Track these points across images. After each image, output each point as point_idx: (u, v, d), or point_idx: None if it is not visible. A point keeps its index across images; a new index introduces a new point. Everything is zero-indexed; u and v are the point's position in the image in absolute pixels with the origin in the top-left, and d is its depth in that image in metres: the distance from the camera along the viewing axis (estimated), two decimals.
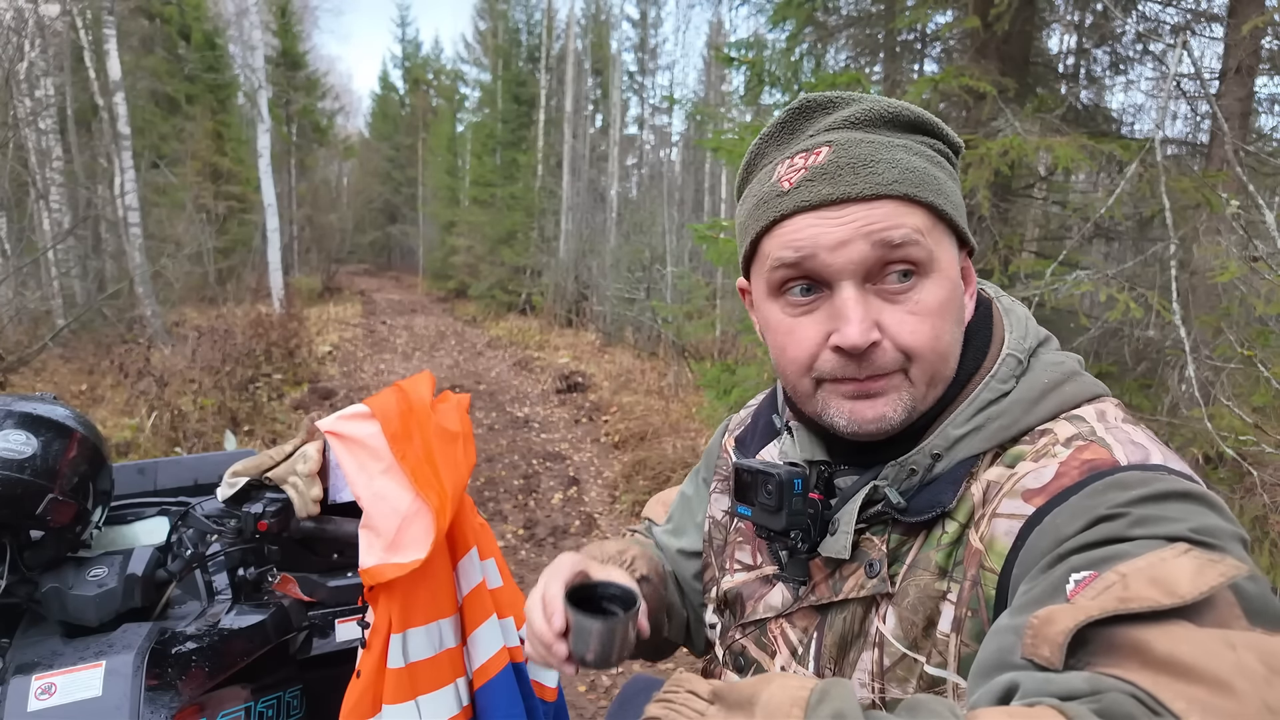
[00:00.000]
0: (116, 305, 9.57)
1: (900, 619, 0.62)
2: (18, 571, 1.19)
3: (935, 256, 0.62)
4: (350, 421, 1.23)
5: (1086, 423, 0.60)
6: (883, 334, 0.61)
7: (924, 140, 0.65)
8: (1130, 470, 0.54)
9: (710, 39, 21.95)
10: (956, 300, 0.63)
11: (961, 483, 0.61)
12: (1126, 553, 0.47)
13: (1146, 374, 4.52)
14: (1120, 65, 5.25)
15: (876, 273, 0.61)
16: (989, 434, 0.62)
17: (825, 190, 0.60)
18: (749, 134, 4.48)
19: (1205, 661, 0.40)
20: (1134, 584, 0.44)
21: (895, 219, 0.60)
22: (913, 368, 0.62)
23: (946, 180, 0.64)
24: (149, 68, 15.35)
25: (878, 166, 0.60)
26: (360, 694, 1.15)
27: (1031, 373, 0.64)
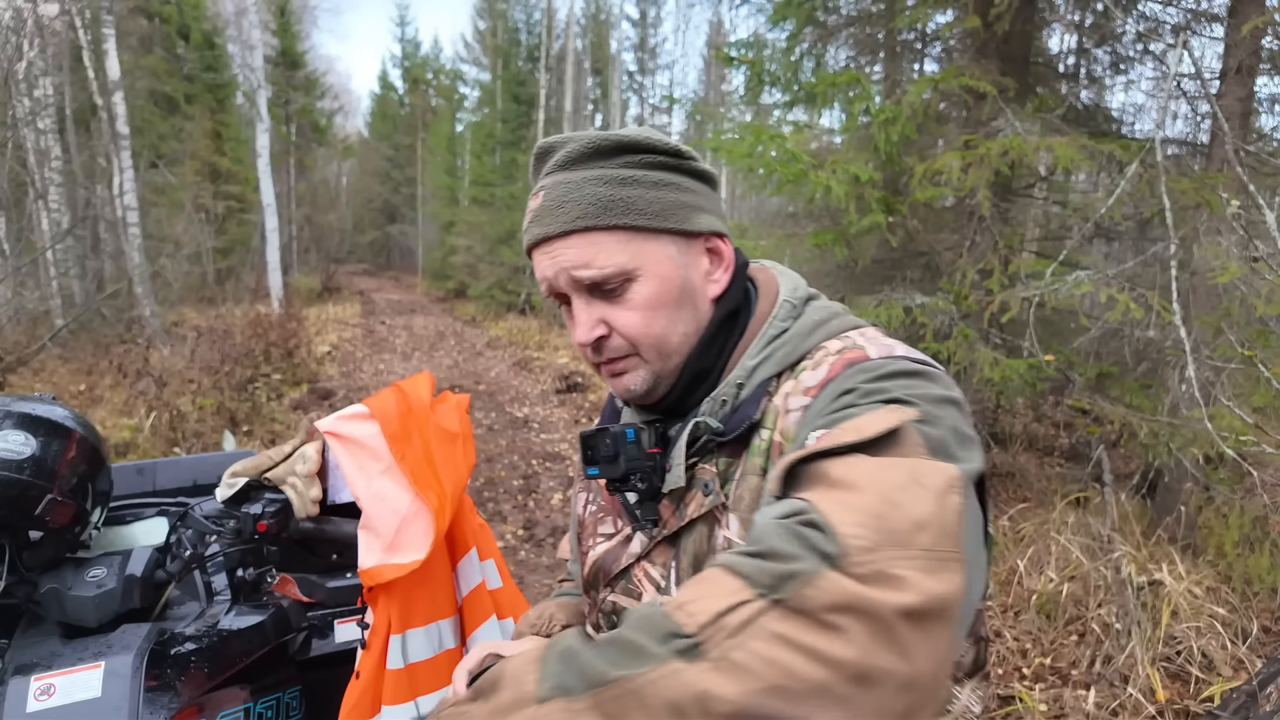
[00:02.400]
0: (115, 305, 9.56)
1: (741, 521, 0.73)
2: (16, 572, 1.19)
3: (634, 265, 0.75)
4: (349, 422, 1.23)
5: (850, 338, 0.75)
6: (610, 327, 0.77)
7: (624, 160, 0.77)
8: (870, 361, 0.69)
9: (710, 38, 21.96)
10: (669, 292, 0.77)
11: (761, 399, 0.75)
12: (851, 415, 0.61)
13: (1147, 374, 4.52)
14: (1120, 65, 5.24)
15: (595, 287, 0.76)
16: (777, 359, 0.76)
17: (536, 231, 0.77)
18: (749, 134, 4.48)
19: (854, 476, 0.53)
20: (840, 433, 0.58)
21: (585, 253, 0.74)
22: (641, 349, 0.78)
23: (643, 194, 0.76)
24: (148, 67, 15.34)
25: (566, 206, 0.75)
26: (360, 695, 1.14)
27: (805, 315, 0.80)
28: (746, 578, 0.48)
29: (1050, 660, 3.16)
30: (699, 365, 0.80)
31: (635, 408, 0.88)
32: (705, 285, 0.81)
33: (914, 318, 4.11)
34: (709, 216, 0.80)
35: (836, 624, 0.45)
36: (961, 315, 4.19)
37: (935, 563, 0.49)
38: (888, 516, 0.50)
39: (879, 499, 0.51)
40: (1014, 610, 3.51)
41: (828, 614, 0.45)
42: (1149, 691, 2.85)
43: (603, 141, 0.77)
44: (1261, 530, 3.63)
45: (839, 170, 4.20)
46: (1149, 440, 3.71)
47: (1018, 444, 5.94)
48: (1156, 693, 2.84)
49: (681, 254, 0.78)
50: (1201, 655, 3.07)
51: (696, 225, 0.79)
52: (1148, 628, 3.11)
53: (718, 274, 0.81)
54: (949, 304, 4.12)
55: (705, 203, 0.81)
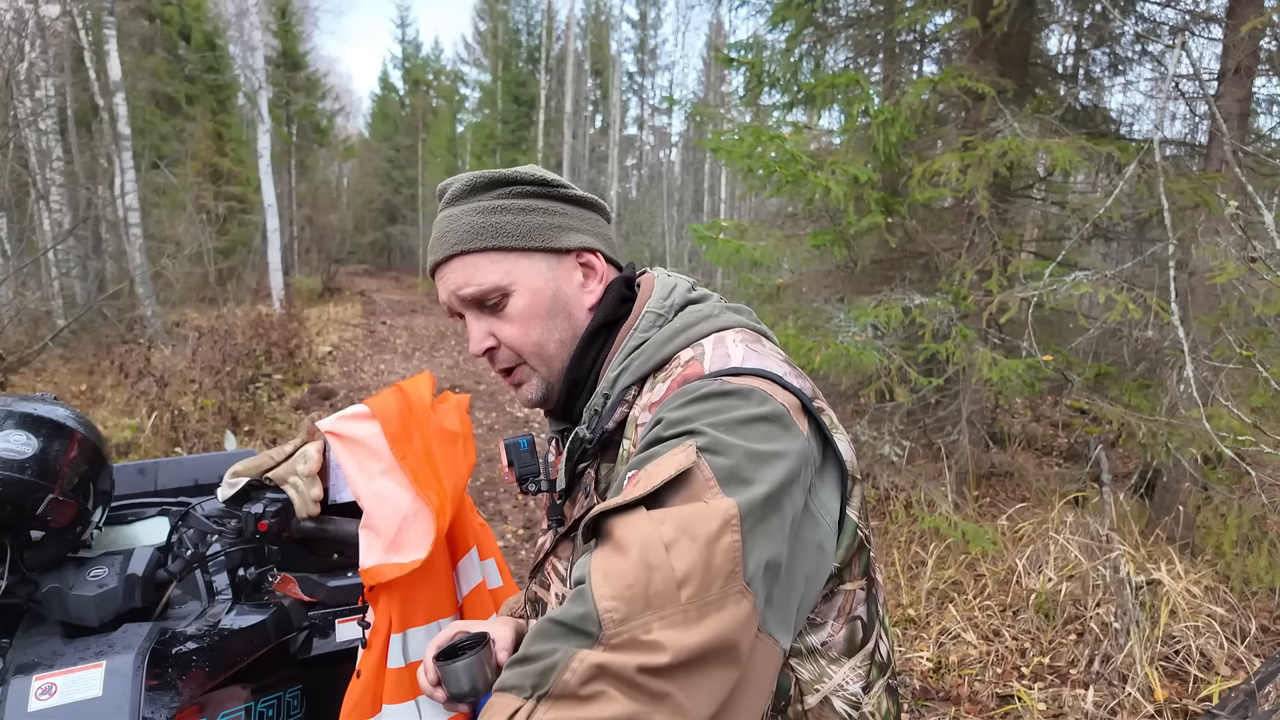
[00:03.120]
0: (117, 305, 9.57)
1: None
2: (18, 571, 1.19)
3: (507, 282, 0.83)
4: (350, 422, 1.23)
5: (703, 347, 0.76)
6: (497, 340, 0.85)
7: (495, 193, 0.86)
8: (704, 378, 0.70)
9: (710, 40, 21.96)
10: (541, 303, 0.84)
11: (618, 408, 0.79)
12: (657, 453, 0.62)
13: (1145, 374, 4.52)
14: (1119, 66, 5.25)
15: (480, 303, 0.85)
16: (634, 369, 0.80)
17: (430, 260, 0.88)
18: (748, 134, 4.48)
19: (628, 538, 0.55)
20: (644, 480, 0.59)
21: (464, 275, 0.84)
22: (526, 357, 0.86)
23: (511, 219, 0.84)
24: (149, 68, 15.35)
25: (447, 236, 0.85)
26: (360, 694, 1.15)
27: (671, 323, 0.83)
28: (515, 688, 0.52)
29: (1049, 659, 3.17)
30: (574, 374, 0.86)
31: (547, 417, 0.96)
32: (580, 296, 0.88)
33: (913, 318, 4.11)
34: (579, 235, 0.88)
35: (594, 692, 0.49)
36: (960, 316, 4.20)
37: (695, 613, 0.52)
38: (645, 583, 0.53)
39: (640, 565, 0.53)
40: (1012, 609, 3.51)
41: (583, 687, 0.49)
42: (1147, 691, 2.86)
43: (479, 179, 0.87)
44: (1260, 530, 3.63)
45: (838, 171, 4.21)
46: (1147, 440, 3.72)
47: (1016, 444, 5.94)
48: (1155, 692, 2.85)
49: (552, 269, 0.86)
50: (1200, 654, 3.08)
51: (565, 243, 0.86)
52: (1146, 627, 3.11)
53: (591, 285, 0.88)
54: (948, 304, 4.13)
55: (577, 223, 0.88)
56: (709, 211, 16.87)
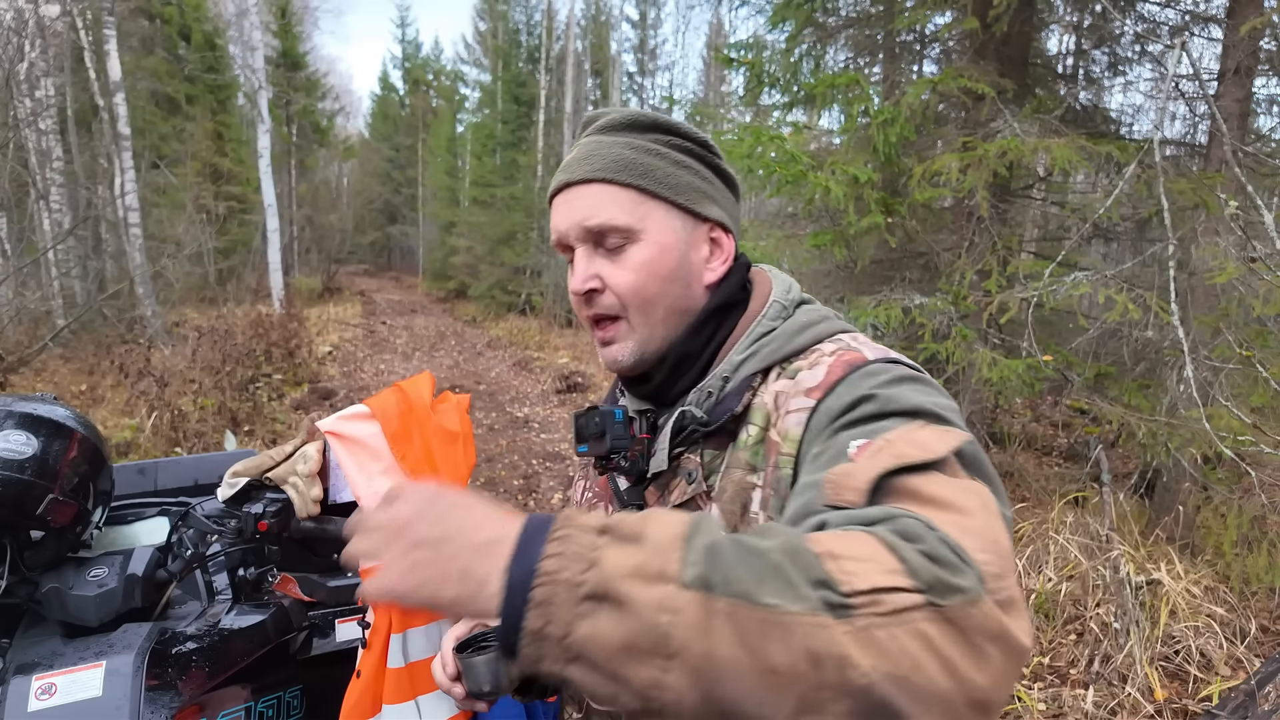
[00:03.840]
0: (116, 305, 9.57)
1: (723, 511, 0.75)
2: (18, 572, 1.19)
3: (639, 227, 0.79)
4: (350, 422, 1.23)
5: (843, 341, 0.78)
6: (603, 283, 0.80)
7: (654, 137, 0.83)
8: (876, 362, 0.72)
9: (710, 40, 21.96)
10: (666, 261, 0.80)
11: (745, 394, 0.78)
12: (886, 426, 0.63)
13: (1145, 374, 4.52)
14: (1119, 66, 5.25)
15: (599, 240, 0.80)
16: (763, 356, 0.79)
17: (560, 178, 0.82)
18: (748, 135, 4.48)
19: (949, 496, 0.55)
20: (898, 446, 0.59)
21: (597, 203, 0.79)
22: (629, 313, 0.81)
23: (665, 168, 0.81)
24: (149, 68, 15.35)
25: (592, 160, 0.80)
26: (360, 693, 1.15)
27: (795, 316, 0.83)
28: (906, 563, 0.47)
29: (1049, 659, 3.17)
30: (685, 349, 0.83)
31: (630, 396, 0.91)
32: (702, 270, 0.84)
33: (913, 318, 4.11)
34: (717, 208, 0.85)
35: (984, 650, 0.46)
36: (960, 316, 4.20)
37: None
38: (999, 543, 0.51)
39: (985, 524, 0.52)
40: None
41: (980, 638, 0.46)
42: (1147, 691, 2.86)
43: (641, 116, 0.83)
44: (1259, 530, 3.63)
45: (838, 171, 4.21)
46: (1147, 440, 3.72)
47: (1016, 444, 5.94)
48: (1155, 692, 2.85)
49: (686, 232, 0.83)
50: (1200, 654, 3.08)
51: (705, 211, 0.83)
52: (1146, 627, 3.11)
53: (715, 263, 0.85)
54: (947, 304, 4.13)
55: (718, 196, 0.86)
56: None
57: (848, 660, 0.44)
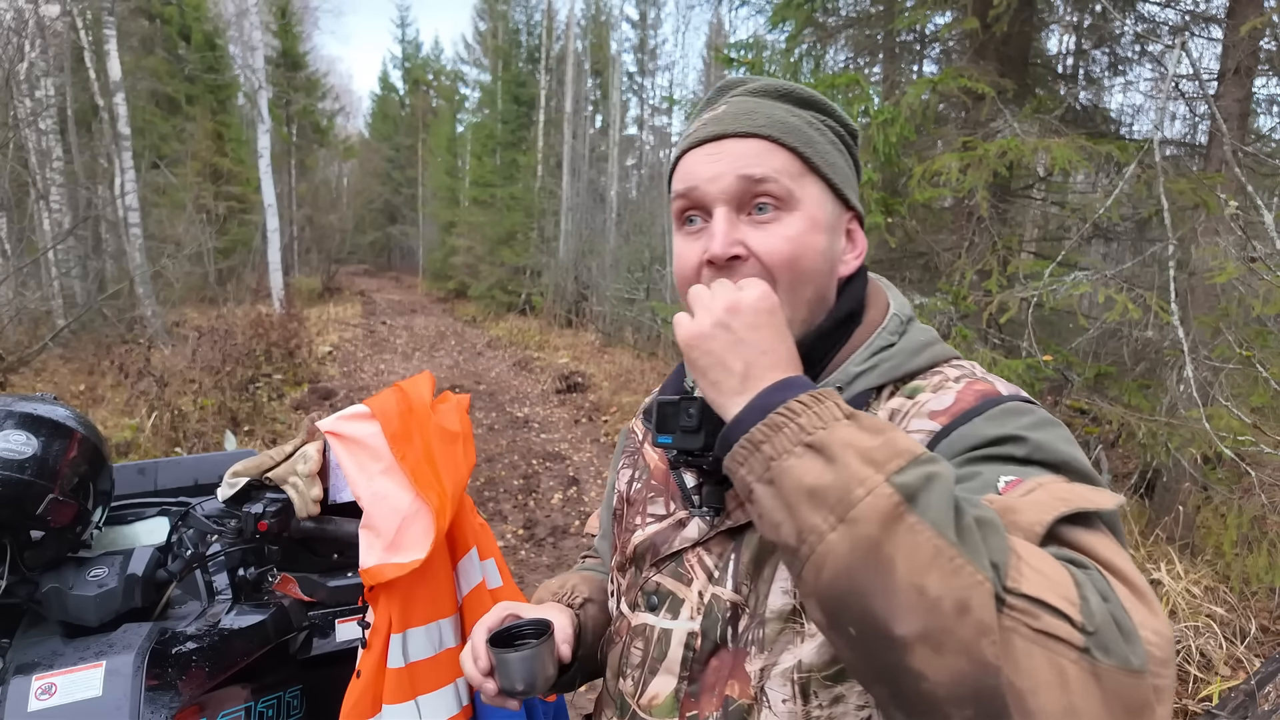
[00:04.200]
0: (116, 305, 9.56)
1: None
2: (18, 571, 1.19)
3: (797, 196, 0.73)
4: (350, 422, 1.23)
5: (966, 368, 0.74)
6: (748, 250, 0.72)
7: (812, 114, 0.78)
8: (1014, 399, 0.68)
9: (710, 40, 21.96)
10: (818, 239, 0.74)
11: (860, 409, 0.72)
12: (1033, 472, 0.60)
13: (1145, 374, 4.52)
14: (1119, 66, 5.25)
15: (745, 203, 0.73)
16: (881, 372, 0.74)
17: (710, 129, 0.75)
18: None
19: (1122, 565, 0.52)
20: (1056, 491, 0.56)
21: (760, 158, 0.72)
22: (777, 287, 0.72)
23: (824, 144, 0.76)
24: (149, 68, 15.35)
25: (755, 115, 0.74)
26: (360, 694, 1.15)
27: (910, 333, 0.78)
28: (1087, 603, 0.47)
29: None
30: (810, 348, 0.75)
31: None
32: (839, 260, 0.79)
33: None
34: (857, 200, 0.81)
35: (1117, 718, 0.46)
36: (960, 315, 4.20)
37: None
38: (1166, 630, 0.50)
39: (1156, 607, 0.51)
40: None
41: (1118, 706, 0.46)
42: None
43: (796, 89, 0.79)
44: (1259, 530, 3.63)
45: None
46: (1147, 440, 3.72)
47: None
48: None
49: (834, 215, 0.77)
50: (1200, 654, 3.08)
51: (851, 198, 0.79)
52: None
53: (850, 256, 0.80)
54: (948, 304, 4.13)
55: (855, 185, 0.82)
56: None
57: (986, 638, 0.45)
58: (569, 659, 0.84)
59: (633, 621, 0.83)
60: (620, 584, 0.88)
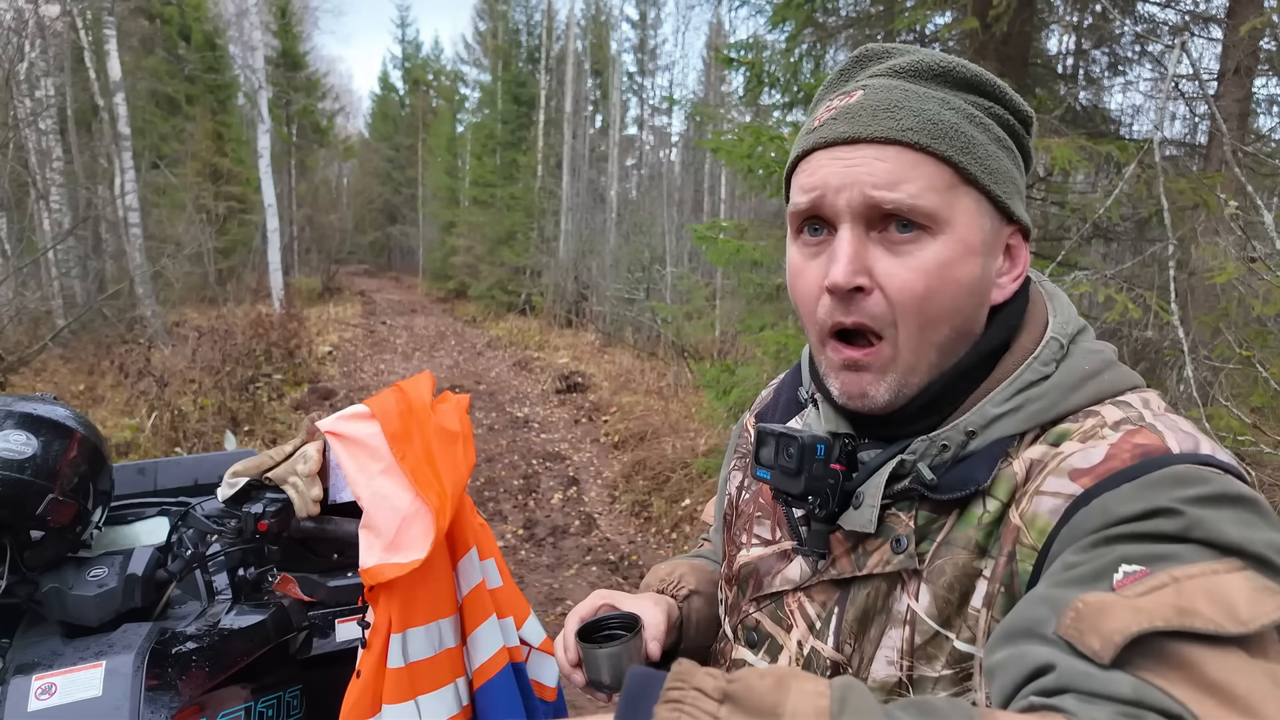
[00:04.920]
0: (116, 305, 9.57)
1: (935, 597, 0.61)
2: (18, 571, 1.19)
3: (945, 217, 0.60)
4: (350, 422, 1.23)
5: (1134, 408, 0.59)
6: (873, 282, 0.61)
7: (974, 100, 0.64)
8: (1183, 461, 0.52)
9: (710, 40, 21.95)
10: (967, 269, 0.61)
11: (997, 461, 0.60)
12: (1180, 555, 0.46)
13: (1145, 375, 4.52)
14: (1119, 66, 5.25)
15: (879, 220, 0.61)
16: (1027, 415, 0.61)
17: (842, 128, 0.61)
18: (748, 134, 4.48)
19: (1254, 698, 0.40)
20: (1188, 593, 0.44)
21: (899, 172, 0.59)
22: (900, 329, 0.61)
23: (987, 144, 0.63)
24: (149, 68, 15.35)
25: (898, 112, 0.60)
26: (360, 694, 1.15)
27: (1071, 358, 0.63)
28: None
29: None
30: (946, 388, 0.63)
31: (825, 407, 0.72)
32: (993, 284, 0.65)
33: None
34: (1023, 208, 0.66)
35: None
36: None
37: None
38: None
39: None
40: None
41: None
42: None
43: (956, 66, 0.64)
44: None
45: None
46: None
47: None
48: None
49: (991, 233, 0.63)
50: None
51: (1015, 210, 0.65)
52: None
53: (1007, 279, 0.66)
54: None
55: (1023, 189, 0.67)
56: (709, 211, 16.87)
57: None
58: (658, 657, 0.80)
59: (734, 653, 0.78)
60: (728, 597, 0.82)
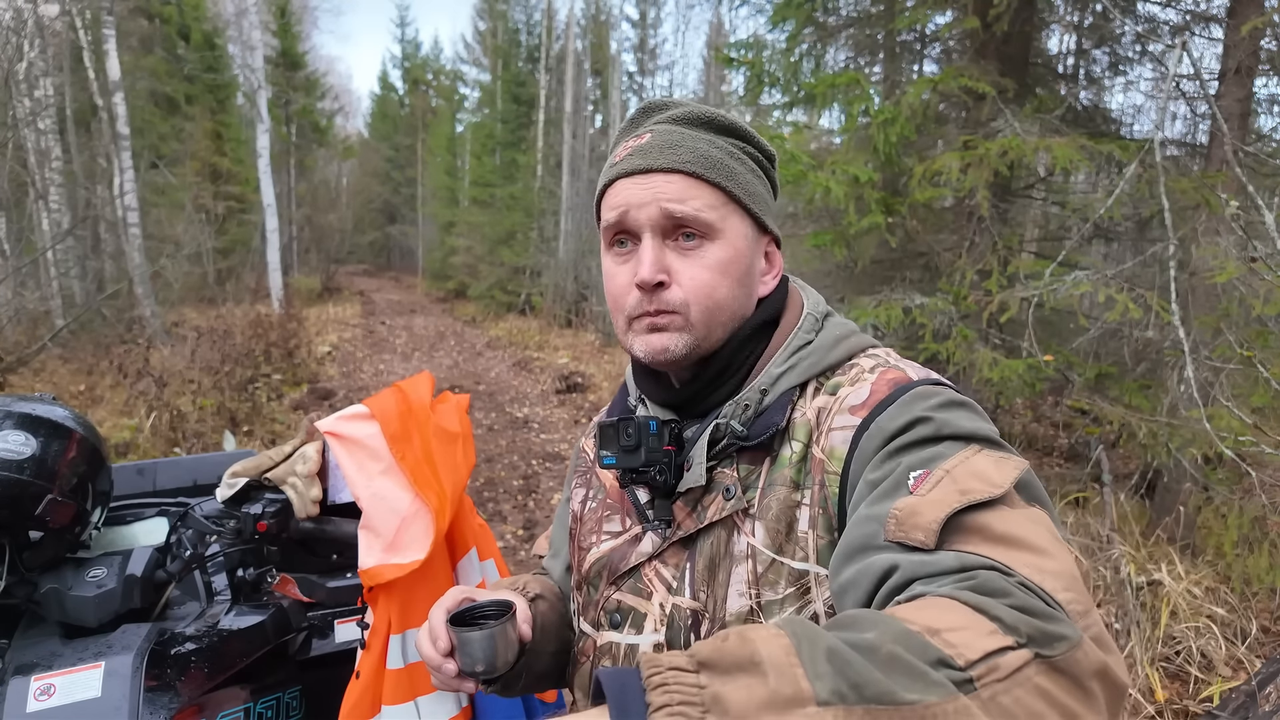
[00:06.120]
0: (116, 305, 9.56)
1: (768, 530, 0.74)
2: (17, 572, 1.19)
3: (720, 228, 0.78)
4: (349, 422, 1.23)
5: (881, 357, 0.78)
6: (670, 278, 0.77)
7: (732, 141, 0.82)
8: (923, 384, 0.71)
9: (710, 39, 21.96)
10: (738, 265, 0.79)
11: (786, 408, 0.77)
12: (941, 453, 0.62)
13: (1146, 374, 4.52)
14: (1119, 66, 5.25)
15: (671, 231, 0.78)
16: (803, 369, 0.79)
17: (638, 161, 0.78)
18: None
19: (1027, 535, 0.54)
20: (960, 478, 0.58)
21: (684, 192, 0.77)
22: (691, 310, 0.77)
23: (744, 173, 0.81)
24: (148, 68, 15.33)
25: (679, 150, 0.78)
26: (359, 694, 1.15)
27: (826, 329, 0.83)
28: (1001, 622, 0.46)
29: None
30: (731, 359, 0.81)
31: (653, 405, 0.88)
32: (758, 282, 0.84)
33: (913, 318, 4.11)
34: (774, 222, 0.85)
35: (1093, 691, 0.47)
36: (960, 315, 4.19)
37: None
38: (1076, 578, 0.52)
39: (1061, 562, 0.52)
40: None
41: (1090, 680, 0.46)
42: (1148, 691, 2.85)
43: (718, 116, 0.82)
44: (1260, 530, 3.63)
45: (838, 171, 4.20)
46: (1148, 440, 3.71)
47: (1017, 444, 5.94)
48: (1155, 693, 2.85)
49: (753, 240, 0.82)
50: (1200, 655, 3.07)
51: (768, 224, 0.84)
52: (1147, 628, 3.11)
53: (768, 277, 0.85)
54: (948, 304, 4.13)
55: (773, 209, 0.86)
56: None
57: None
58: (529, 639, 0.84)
59: (598, 640, 0.85)
60: (579, 602, 0.91)
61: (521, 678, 0.88)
